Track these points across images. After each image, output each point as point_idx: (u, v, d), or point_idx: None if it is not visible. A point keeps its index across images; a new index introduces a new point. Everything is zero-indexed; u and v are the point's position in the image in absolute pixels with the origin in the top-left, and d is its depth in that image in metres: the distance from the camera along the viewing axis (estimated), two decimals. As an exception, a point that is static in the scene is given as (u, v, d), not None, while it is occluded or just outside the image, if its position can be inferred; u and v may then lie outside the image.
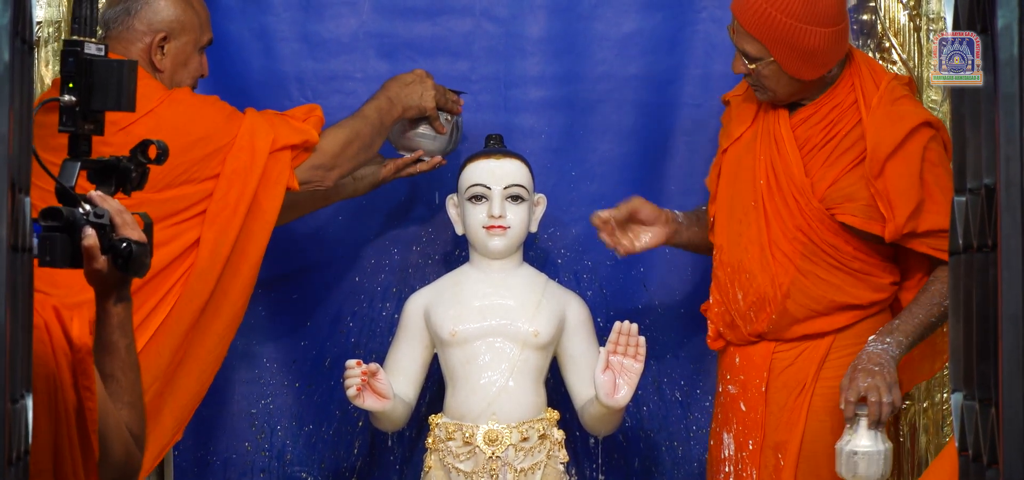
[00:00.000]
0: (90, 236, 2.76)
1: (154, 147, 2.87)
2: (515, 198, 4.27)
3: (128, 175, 2.86)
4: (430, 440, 4.26)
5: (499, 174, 4.27)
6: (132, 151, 2.87)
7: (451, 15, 4.61)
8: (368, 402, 4.14)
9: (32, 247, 2.55)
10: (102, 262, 2.77)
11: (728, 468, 4.18)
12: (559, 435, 4.25)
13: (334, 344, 4.58)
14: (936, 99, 4.50)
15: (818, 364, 4.08)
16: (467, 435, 4.19)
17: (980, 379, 2.53)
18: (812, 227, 4.05)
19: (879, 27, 4.54)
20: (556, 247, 4.60)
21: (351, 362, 4.13)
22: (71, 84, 2.81)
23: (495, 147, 4.34)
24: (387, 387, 4.14)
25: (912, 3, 4.52)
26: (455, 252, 4.55)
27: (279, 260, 4.38)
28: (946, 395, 4.50)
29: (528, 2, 4.58)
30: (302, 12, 4.58)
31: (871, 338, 3.96)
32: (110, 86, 2.83)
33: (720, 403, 4.25)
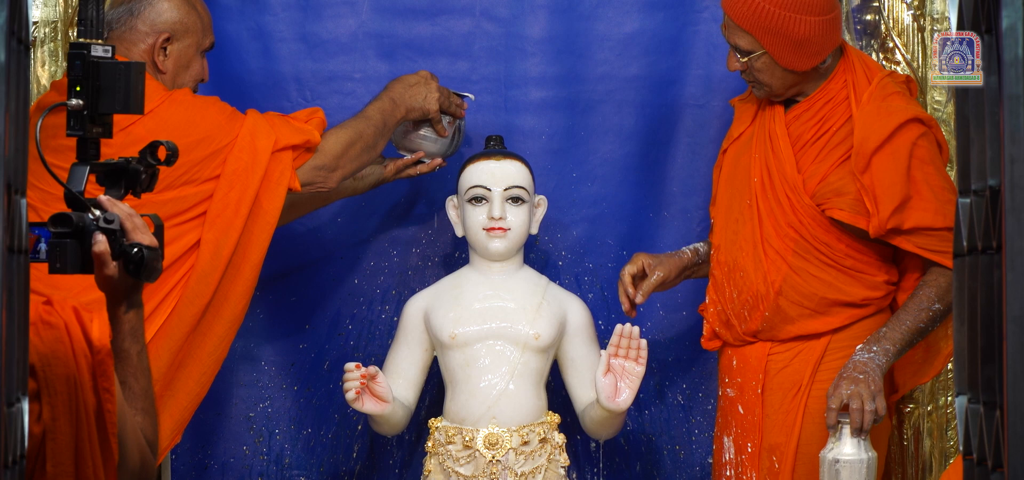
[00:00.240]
0: (101, 242, 2.75)
1: (164, 148, 2.86)
2: (515, 200, 4.27)
3: (137, 177, 2.85)
4: (430, 444, 4.26)
5: (499, 175, 4.27)
6: (141, 152, 2.86)
7: (451, 15, 4.60)
8: (367, 405, 4.14)
9: (28, 249, 2.54)
10: (113, 268, 2.76)
11: (729, 472, 4.18)
12: (560, 439, 4.25)
13: (333, 347, 4.58)
14: (940, 100, 4.50)
15: (814, 366, 4.09)
16: (467, 439, 4.19)
17: (985, 382, 2.53)
18: (803, 224, 4.06)
19: (883, 27, 4.54)
20: (557, 249, 4.60)
21: (350, 365, 4.12)
22: (78, 87, 2.80)
23: (495, 148, 4.34)
24: (386, 390, 4.14)
25: (916, 3, 4.52)
26: (455, 254, 4.55)
27: (278, 260, 4.37)
28: (950, 398, 4.50)
29: (528, 2, 4.58)
30: (300, 12, 4.57)
31: (859, 346, 3.96)
32: (118, 88, 2.82)
33: (720, 407, 4.26)
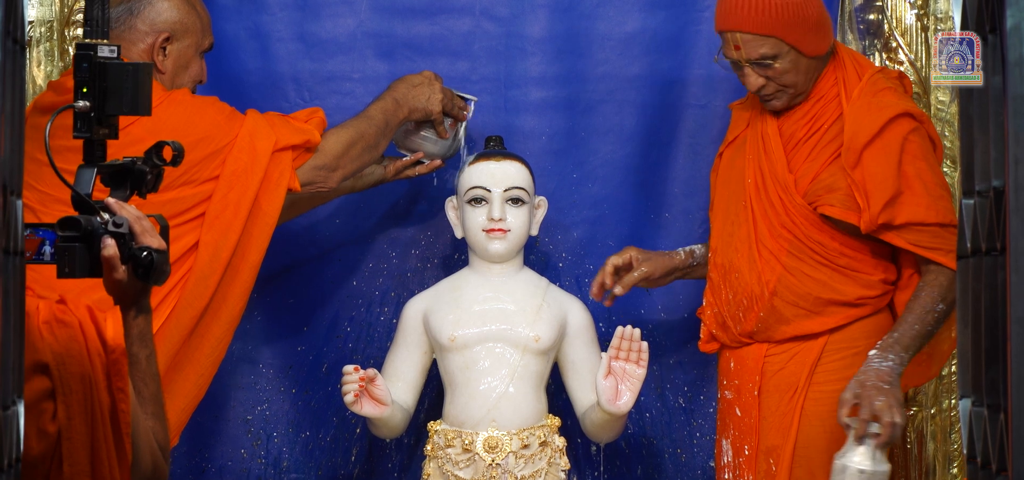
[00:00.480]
0: (110, 246, 2.74)
1: (169, 148, 2.85)
2: (515, 201, 4.27)
3: (143, 178, 2.84)
4: (429, 447, 4.26)
5: (499, 176, 4.27)
6: (147, 153, 2.85)
7: (450, 15, 4.60)
8: (366, 408, 4.13)
9: (24, 250, 2.55)
10: (122, 272, 2.75)
11: (728, 475, 4.19)
12: (560, 442, 4.25)
13: (331, 349, 4.58)
14: (944, 100, 4.51)
15: (811, 367, 4.09)
16: (467, 442, 4.18)
17: (989, 385, 2.53)
18: (796, 224, 4.07)
19: (886, 27, 4.55)
20: (557, 251, 4.59)
21: (348, 368, 4.12)
22: (85, 89, 2.79)
23: (495, 149, 4.34)
24: (385, 393, 4.14)
25: (920, 3, 4.53)
26: (454, 256, 4.55)
27: (275, 259, 4.37)
28: (954, 401, 4.50)
29: (529, 1, 4.58)
30: (299, 12, 4.57)
31: (873, 353, 3.94)
32: (125, 90, 2.82)
33: (719, 410, 4.27)
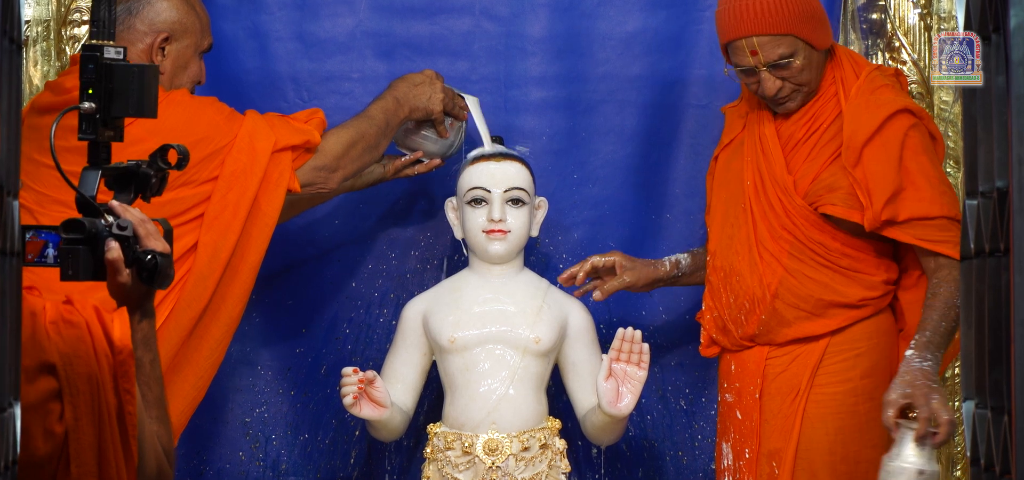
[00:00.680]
0: (114, 249, 2.74)
1: (174, 151, 2.85)
2: (516, 201, 4.26)
3: (148, 181, 2.83)
4: (428, 450, 4.26)
5: (499, 177, 4.27)
6: (152, 156, 2.85)
7: (450, 14, 4.60)
8: (365, 411, 4.13)
9: (21, 251, 2.54)
10: (126, 275, 2.75)
11: (728, 478, 4.18)
12: (561, 445, 4.25)
13: (330, 351, 4.58)
14: (947, 100, 4.50)
15: (812, 369, 4.09)
16: (466, 445, 4.18)
17: (992, 387, 2.53)
18: (797, 225, 4.07)
19: (889, 26, 4.54)
20: (558, 252, 4.59)
21: (347, 370, 4.12)
22: (91, 90, 2.79)
23: (496, 147, 4.34)
24: (384, 395, 4.14)
25: (923, 2, 4.53)
26: (454, 257, 4.55)
27: (274, 260, 4.36)
28: (957, 403, 4.50)
29: (529, 1, 4.58)
30: (297, 11, 4.57)
31: (910, 354, 3.89)
32: (130, 92, 2.82)
33: (720, 412, 4.27)
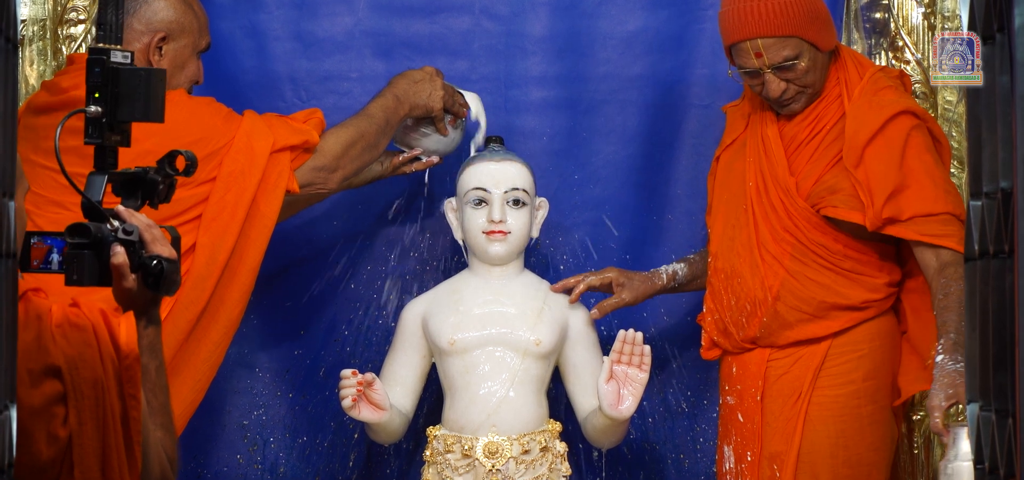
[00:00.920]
0: (119, 254, 2.73)
1: (182, 158, 2.84)
2: (516, 202, 4.26)
3: (155, 187, 2.83)
4: (428, 453, 4.26)
5: (499, 177, 4.27)
6: (159, 162, 2.84)
7: (450, 13, 4.60)
8: (364, 413, 4.13)
9: (17, 253, 2.54)
10: (132, 280, 2.75)
11: (729, 481, 4.20)
12: (561, 447, 4.25)
13: (329, 353, 4.58)
14: (951, 100, 4.51)
15: (814, 372, 4.10)
16: (466, 447, 4.18)
17: (997, 389, 2.53)
18: (799, 227, 4.07)
19: (892, 26, 4.55)
20: (558, 253, 4.59)
21: (346, 372, 4.12)
22: (97, 94, 2.79)
23: (495, 149, 4.34)
24: (383, 398, 4.14)
25: (927, 1, 4.53)
26: (454, 258, 4.55)
27: (272, 260, 4.36)
28: (961, 406, 4.49)
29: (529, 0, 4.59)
30: (296, 10, 4.57)
31: (942, 358, 3.87)
32: (137, 96, 2.81)
33: (722, 415, 4.27)
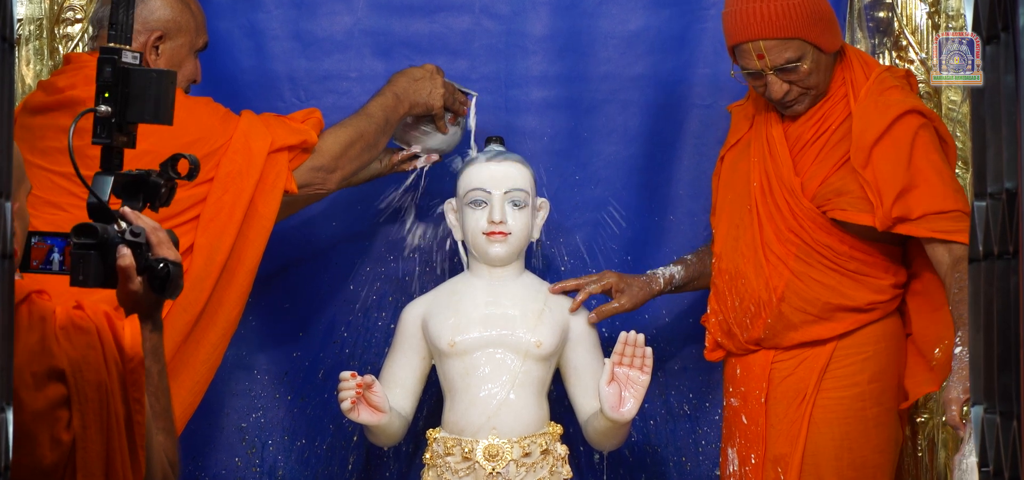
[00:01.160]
0: (126, 256, 2.74)
1: (185, 161, 2.85)
2: (516, 203, 4.27)
3: (157, 190, 2.84)
4: (428, 455, 4.26)
5: (499, 178, 4.27)
6: (162, 165, 2.85)
7: (450, 12, 4.60)
8: (363, 416, 4.13)
9: (14, 253, 2.55)
10: (137, 283, 2.75)
11: (733, 484, 4.20)
12: (562, 450, 4.25)
13: (328, 355, 4.58)
14: (955, 100, 4.51)
15: (819, 374, 4.10)
16: (466, 450, 4.18)
17: (1001, 391, 2.53)
18: (804, 228, 4.08)
19: (896, 25, 4.55)
20: (559, 254, 4.59)
21: (345, 374, 4.12)
22: (107, 94, 2.80)
23: (496, 149, 4.34)
24: (383, 400, 4.14)
25: (931, 1, 4.53)
26: (454, 259, 4.55)
27: (271, 262, 4.36)
28: (966, 409, 4.49)
29: (530, -2, 4.59)
30: (294, 9, 4.57)
31: (961, 350, 3.84)
32: (147, 97, 2.82)
33: (725, 417, 4.27)
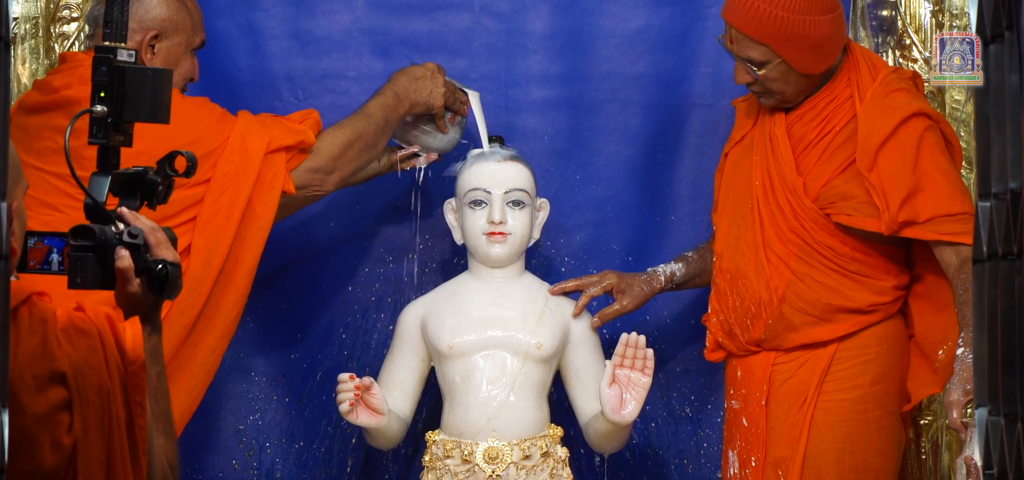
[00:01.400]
0: (124, 257, 2.73)
1: (182, 159, 2.84)
2: (516, 203, 4.27)
3: (154, 188, 2.83)
4: (427, 458, 4.26)
5: (499, 178, 4.27)
6: (159, 163, 2.85)
7: (449, 11, 4.61)
8: (362, 418, 4.14)
9: (9, 254, 2.55)
10: (136, 285, 2.75)
11: (734, 486, 4.20)
12: (563, 453, 4.25)
13: (326, 357, 4.58)
14: (959, 99, 4.51)
15: (820, 376, 4.10)
16: (466, 453, 4.19)
17: (1006, 393, 2.54)
18: (806, 228, 4.08)
19: (899, 23, 4.55)
20: (559, 255, 4.60)
21: (344, 376, 4.13)
22: (103, 93, 2.80)
23: (496, 150, 4.34)
24: (381, 402, 4.15)
25: (935, -1, 4.54)
26: (453, 260, 4.55)
27: (269, 263, 4.36)
28: (970, 410, 4.50)
29: (530, -3, 4.60)
30: (293, 8, 4.58)
31: (963, 351, 3.86)
32: (143, 96, 2.82)
33: (726, 420, 4.27)
